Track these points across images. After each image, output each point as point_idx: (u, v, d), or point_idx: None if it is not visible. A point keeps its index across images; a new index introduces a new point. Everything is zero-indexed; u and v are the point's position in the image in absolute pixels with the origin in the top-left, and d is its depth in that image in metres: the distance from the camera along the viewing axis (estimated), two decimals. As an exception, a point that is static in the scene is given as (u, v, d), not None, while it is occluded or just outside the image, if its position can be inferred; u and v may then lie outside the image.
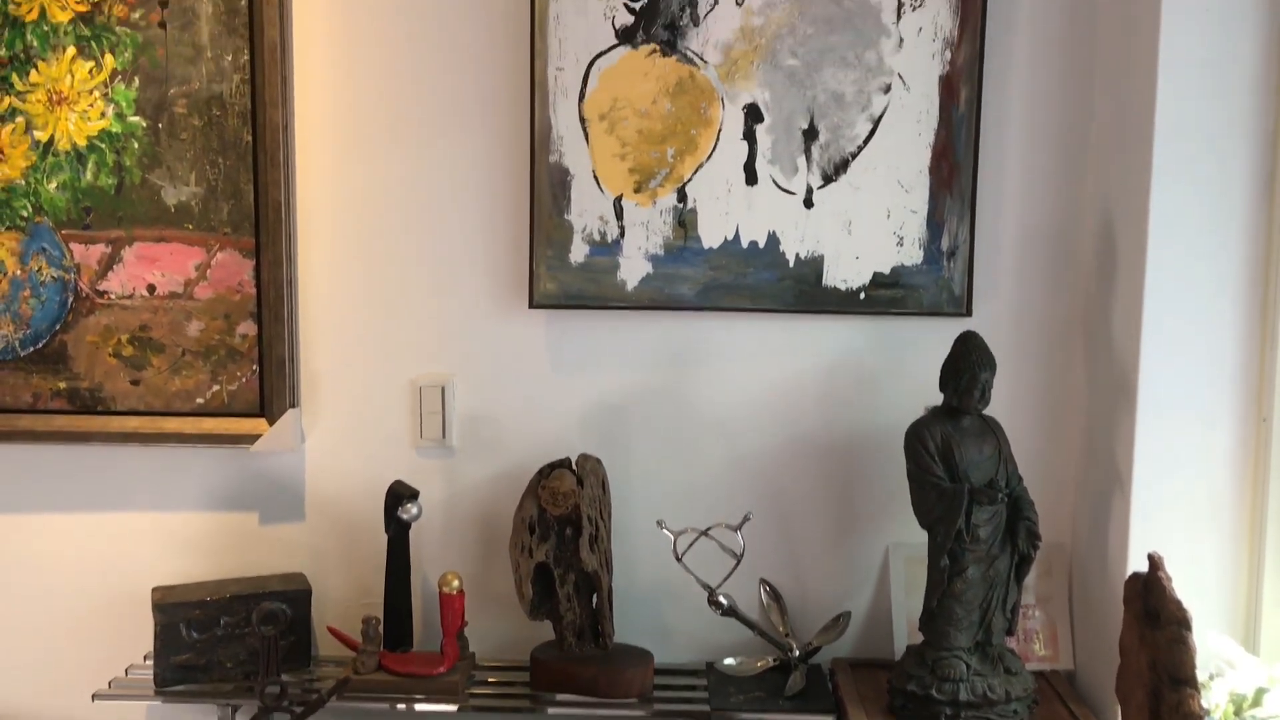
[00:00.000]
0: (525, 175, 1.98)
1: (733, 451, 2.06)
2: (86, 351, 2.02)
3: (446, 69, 2.00)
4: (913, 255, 1.95)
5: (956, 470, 1.78)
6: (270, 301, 1.99)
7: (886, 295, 1.96)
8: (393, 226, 2.04)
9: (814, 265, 1.96)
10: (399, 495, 1.95)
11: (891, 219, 1.94)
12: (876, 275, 1.95)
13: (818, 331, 2.02)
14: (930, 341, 1.95)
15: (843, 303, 1.97)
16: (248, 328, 2.01)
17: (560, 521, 1.91)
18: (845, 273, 1.96)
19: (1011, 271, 2.00)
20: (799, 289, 1.97)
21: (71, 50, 1.96)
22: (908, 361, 2.00)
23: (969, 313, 1.95)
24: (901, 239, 1.95)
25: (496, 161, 2.01)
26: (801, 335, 2.02)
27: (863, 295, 1.96)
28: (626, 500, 2.04)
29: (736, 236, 1.96)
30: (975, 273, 1.95)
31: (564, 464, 1.95)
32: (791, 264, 1.96)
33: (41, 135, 1.98)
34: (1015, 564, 1.80)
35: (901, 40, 1.90)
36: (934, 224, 1.94)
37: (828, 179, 1.95)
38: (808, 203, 1.95)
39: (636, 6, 1.92)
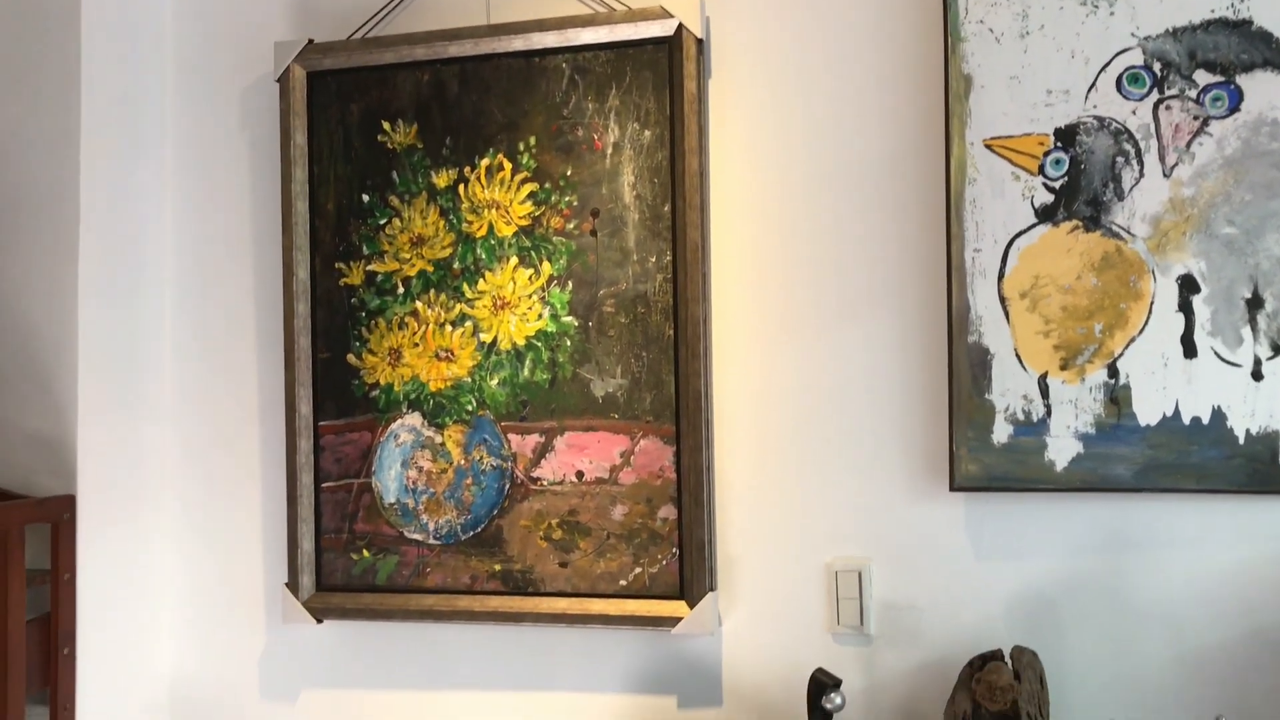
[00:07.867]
0: (941, 356, 1.97)
1: (1180, 646, 1.89)
2: (519, 535, 2.15)
3: (859, 256, 2.05)
4: (1387, 429, 1.77)
5: None
6: (690, 486, 2.05)
7: (1357, 474, 1.78)
8: (806, 411, 2.07)
9: (1268, 442, 1.82)
10: (822, 684, 1.91)
11: (1357, 390, 1.78)
12: (1343, 452, 1.79)
13: (1275, 514, 1.85)
14: None
15: (1304, 482, 1.81)
16: (668, 511, 2.07)
17: (995, 717, 1.80)
18: (1306, 449, 1.80)
19: None
20: (1251, 468, 1.82)
21: (514, 260, 2.16)
22: (1390, 547, 1.80)
23: None
24: (1371, 412, 1.78)
25: (910, 344, 2.02)
26: (1256, 518, 1.86)
27: (1328, 474, 1.80)
28: (1063, 696, 1.91)
29: (1176, 413, 1.85)
30: None
31: (996, 656, 1.86)
32: (1241, 440, 1.82)
33: (486, 337, 2.17)
34: None
35: (1356, 200, 1.79)
36: None
37: (1278, 349, 1.82)
38: (1256, 375, 1.82)
39: (1056, 185, 1.90)
